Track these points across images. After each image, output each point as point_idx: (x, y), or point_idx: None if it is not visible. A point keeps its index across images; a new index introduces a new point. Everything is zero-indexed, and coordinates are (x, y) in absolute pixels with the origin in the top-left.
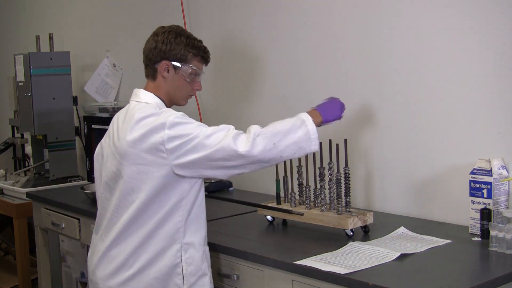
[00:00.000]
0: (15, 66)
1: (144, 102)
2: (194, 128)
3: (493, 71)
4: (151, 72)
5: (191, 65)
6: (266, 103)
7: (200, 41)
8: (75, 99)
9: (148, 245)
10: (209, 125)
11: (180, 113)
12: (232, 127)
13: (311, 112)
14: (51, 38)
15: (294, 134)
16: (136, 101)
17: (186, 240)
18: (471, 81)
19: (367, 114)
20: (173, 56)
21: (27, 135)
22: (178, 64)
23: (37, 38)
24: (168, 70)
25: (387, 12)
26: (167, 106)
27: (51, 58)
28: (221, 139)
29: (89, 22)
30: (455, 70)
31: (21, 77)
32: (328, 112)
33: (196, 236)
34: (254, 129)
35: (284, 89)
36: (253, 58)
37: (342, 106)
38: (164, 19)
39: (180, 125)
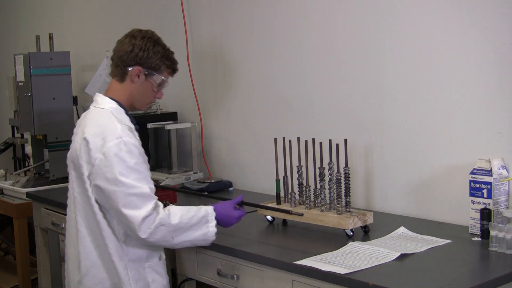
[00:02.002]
0: (15, 66)
1: (100, 107)
2: (123, 176)
3: (493, 71)
4: (120, 73)
5: (162, 76)
6: (266, 103)
7: (172, 52)
8: (75, 99)
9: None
10: (210, 127)
11: (127, 146)
12: (151, 205)
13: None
14: (51, 38)
15: (194, 232)
16: (94, 106)
17: (130, 257)
18: (471, 81)
19: (367, 114)
20: (148, 64)
21: (27, 135)
22: (151, 73)
23: (37, 38)
24: (139, 76)
25: (387, 12)
26: (126, 110)
27: (51, 58)
28: (134, 211)
29: (89, 22)
30: (455, 70)
31: (21, 77)
32: (224, 218)
33: (139, 252)
34: (162, 216)
35: (284, 89)
36: (254, 58)
37: (239, 217)
38: (164, 19)
39: (115, 159)
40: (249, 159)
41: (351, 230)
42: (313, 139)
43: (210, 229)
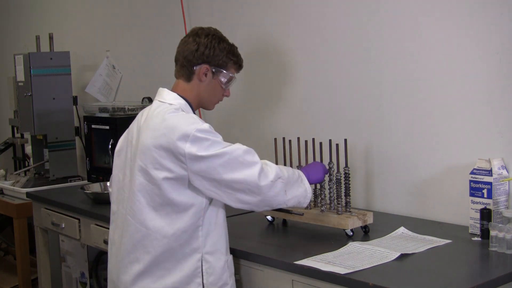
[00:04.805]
0: (15, 66)
1: (167, 102)
2: (220, 145)
3: (493, 71)
4: (186, 73)
5: (229, 72)
6: (266, 103)
7: (237, 48)
8: (75, 99)
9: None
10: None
11: (207, 125)
12: (256, 155)
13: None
14: (51, 38)
15: (298, 188)
16: (159, 100)
17: (206, 250)
18: (471, 81)
19: (367, 114)
20: (215, 62)
21: (27, 135)
22: (218, 70)
23: (37, 38)
24: (206, 74)
25: (387, 12)
26: (193, 109)
27: (51, 58)
28: (247, 170)
29: (89, 22)
30: (455, 70)
31: (21, 77)
32: (311, 174)
33: (217, 245)
34: (275, 169)
35: (284, 89)
36: (253, 57)
37: (324, 169)
38: (164, 19)
39: (204, 140)
40: None
41: (351, 230)
42: (313, 139)
43: (307, 187)
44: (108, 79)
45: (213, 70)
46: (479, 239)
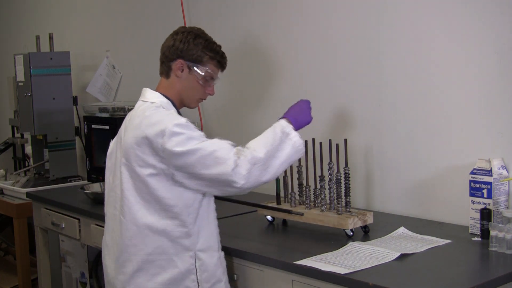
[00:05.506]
0: (15, 66)
1: (149, 101)
2: (196, 140)
3: (493, 71)
4: (165, 69)
5: (206, 68)
6: (266, 103)
7: (219, 46)
8: (75, 99)
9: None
10: (210, 127)
11: (184, 120)
12: (232, 148)
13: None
14: (51, 38)
15: (283, 152)
16: (142, 100)
17: (199, 247)
18: (471, 81)
19: (367, 114)
20: (189, 56)
21: (27, 135)
22: (193, 65)
23: (37, 38)
24: (182, 70)
25: (387, 12)
26: (176, 107)
27: (51, 58)
28: (220, 167)
29: (89, 22)
30: (455, 70)
31: (21, 77)
32: (299, 119)
33: (209, 242)
34: (249, 156)
35: (284, 89)
36: (254, 59)
37: (309, 107)
38: (164, 19)
39: (180, 135)
40: None
41: (351, 230)
42: (313, 139)
43: (294, 140)
44: (108, 79)
45: (188, 65)
46: (479, 239)
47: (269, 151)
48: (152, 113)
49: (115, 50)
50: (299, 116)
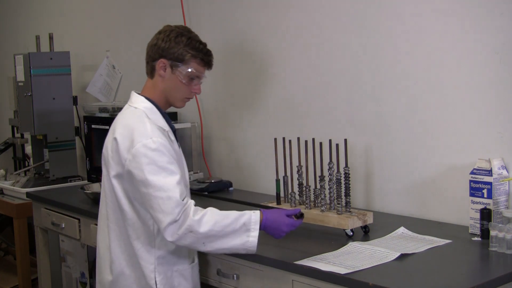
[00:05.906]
0: (15, 66)
1: (133, 106)
2: (157, 170)
3: (493, 71)
4: (149, 69)
5: (189, 67)
6: (266, 103)
7: (203, 44)
8: (75, 99)
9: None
10: (210, 127)
11: (158, 141)
12: (179, 204)
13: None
14: (51, 38)
15: (230, 241)
16: (128, 104)
17: (158, 261)
18: (471, 81)
19: (367, 114)
20: (170, 55)
21: (27, 135)
22: (175, 64)
23: (37, 38)
24: (165, 69)
25: (387, 13)
26: (162, 108)
27: (51, 58)
28: (161, 215)
29: (89, 22)
30: (455, 70)
31: (21, 77)
32: (273, 226)
33: (169, 255)
34: (190, 223)
35: (284, 89)
36: (254, 59)
37: (292, 228)
38: (164, 19)
39: (144, 158)
40: (249, 159)
41: (351, 230)
42: (313, 139)
43: (250, 239)
44: (108, 79)
45: (171, 64)
46: (479, 239)
47: (216, 232)
48: (130, 122)
49: (115, 50)
50: (276, 222)
